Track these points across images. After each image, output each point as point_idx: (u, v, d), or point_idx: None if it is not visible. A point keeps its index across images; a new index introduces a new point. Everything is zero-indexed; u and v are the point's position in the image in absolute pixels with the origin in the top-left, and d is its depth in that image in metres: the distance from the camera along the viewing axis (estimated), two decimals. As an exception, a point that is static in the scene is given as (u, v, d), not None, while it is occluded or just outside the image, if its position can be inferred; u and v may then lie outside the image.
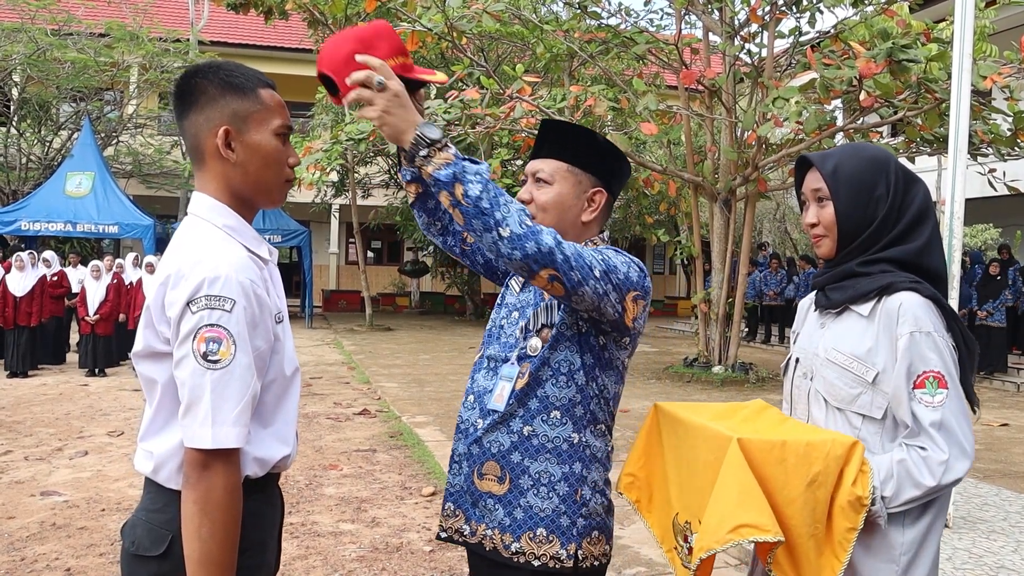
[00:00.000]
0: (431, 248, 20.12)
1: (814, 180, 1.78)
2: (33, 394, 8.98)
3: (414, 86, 1.70)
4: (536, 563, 1.70)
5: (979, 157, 9.40)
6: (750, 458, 1.58)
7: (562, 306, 1.75)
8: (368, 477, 5.64)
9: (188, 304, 1.38)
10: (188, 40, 18.96)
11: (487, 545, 1.75)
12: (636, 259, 1.78)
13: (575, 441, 1.74)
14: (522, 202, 1.81)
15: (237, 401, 1.38)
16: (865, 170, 1.73)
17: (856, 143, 1.87)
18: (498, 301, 1.97)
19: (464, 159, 1.60)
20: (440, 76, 1.73)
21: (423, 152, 1.58)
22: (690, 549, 1.68)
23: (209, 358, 1.37)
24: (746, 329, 16.07)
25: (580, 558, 1.71)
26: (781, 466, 1.59)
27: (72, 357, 11.62)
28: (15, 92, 18.03)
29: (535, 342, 1.76)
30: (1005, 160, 9.41)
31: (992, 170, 9.58)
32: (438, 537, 1.86)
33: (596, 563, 1.75)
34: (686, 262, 16.80)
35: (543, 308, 1.79)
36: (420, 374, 10.70)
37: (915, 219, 1.72)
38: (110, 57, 17.60)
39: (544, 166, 1.81)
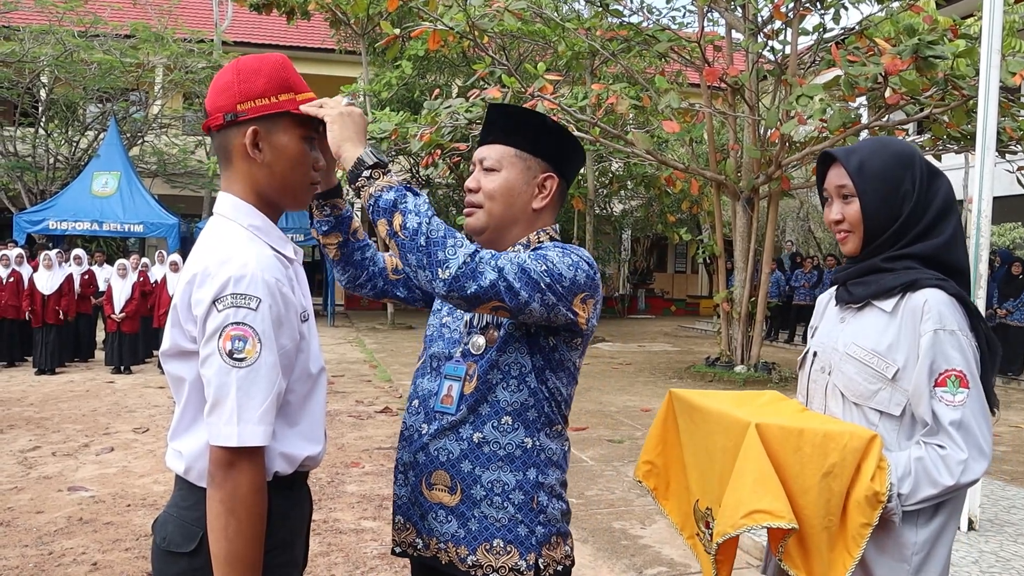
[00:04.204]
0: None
1: (838, 176, 1.76)
2: (60, 391, 9.11)
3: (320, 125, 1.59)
4: None
5: (1007, 155, 9.26)
6: (767, 444, 1.58)
7: None
8: (390, 475, 5.66)
9: (214, 302, 1.39)
10: (212, 41, 19.13)
11: (443, 559, 1.67)
12: (583, 254, 1.66)
13: (528, 446, 1.66)
14: (469, 191, 1.75)
15: (262, 399, 1.39)
16: (891, 166, 1.72)
17: (879, 137, 1.85)
18: (437, 304, 1.88)
19: (407, 188, 1.55)
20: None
21: (366, 172, 1.54)
22: (711, 535, 1.67)
23: (235, 356, 1.38)
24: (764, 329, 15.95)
25: (541, 567, 1.65)
26: (797, 454, 1.58)
27: (99, 354, 11.77)
28: (43, 93, 18.29)
29: (479, 340, 1.68)
30: (1034, 157, 9.26)
31: (1021, 168, 9.43)
32: (393, 552, 1.77)
33: (559, 568, 1.68)
34: (708, 261, 16.71)
35: None
36: (441, 372, 10.72)
37: (939, 214, 1.71)
38: (135, 58, 17.80)
39: (491, 152, 1.73)
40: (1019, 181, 9.51)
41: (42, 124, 18.41)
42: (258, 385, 1.39)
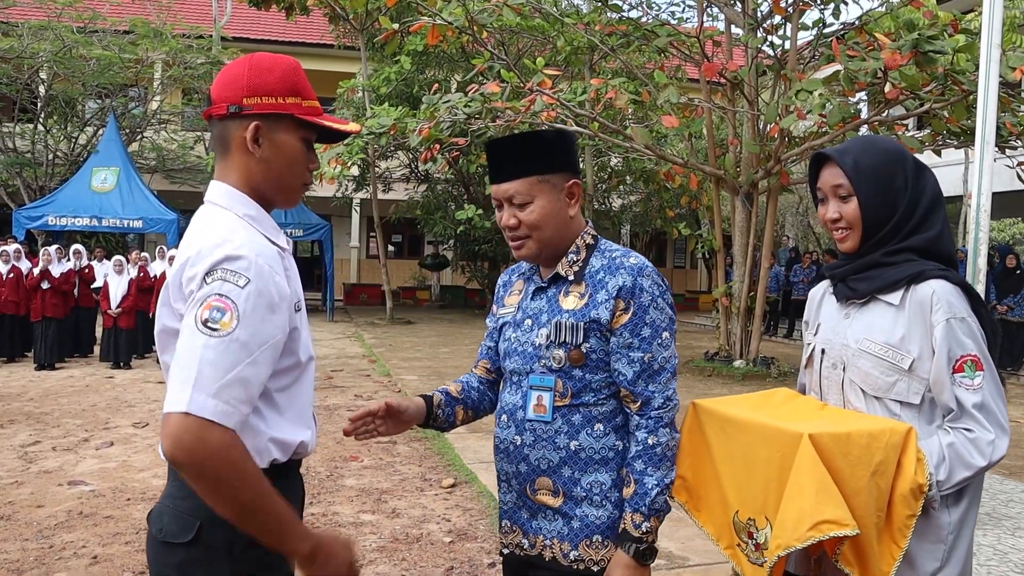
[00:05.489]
0: (451, 242, 20.16)
1: (833, 176, 1.80)
2: (60, 386, 9.12)
3: (326, 137, 1.63)
4: (596, 568, 1.75)
5: (1007, 150, 9.26)
6: (819, 452, 1.58)
7: (594, 332, 1.75)
8: (388, 468, 5.68)
9: (205, 276, 1.38)
10: (211, 36, 19.11)
11: (546, 556, 1.79)
12: (665, 291, 1.79)
13: (620, 448, 1.77)
14: (509, 228, 1.80)
15: (224, 373, 1.33)
16: (883, 163, 1.77)
17: (866, 136, 1.90)
18: (499, 321, 1.95)
19: (652, 508, 1.72)
20: (353, 127, 1.61)
21: (645, 547, 1.73)
22: (756, 545, 1.67)
23: (208, 324, 1.34)
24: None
25: None
26: (847, 459, 1.60)
27: (98, 350, 11.77)
28: (42, 89, 18.26)
29: (559, 352, 1.76)
30: (1034, 152, 9.25)
31: (1021, 163, 9.42)
32: (501, 554, 1.90)
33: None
34: (707, 256, 16.72)
35: (568, 327, 1.77)
36: (440, 367, 10.73)
37: (929, 207, 1.78)
38: (134, 54, 17.78)
39: (515, 187, 1.78)
40: (1019, 176, 9.51)
41: (41, 120, 18.39)
42: (223, 358, 1.33)
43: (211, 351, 1.33)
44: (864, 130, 9.72)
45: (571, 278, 1.80)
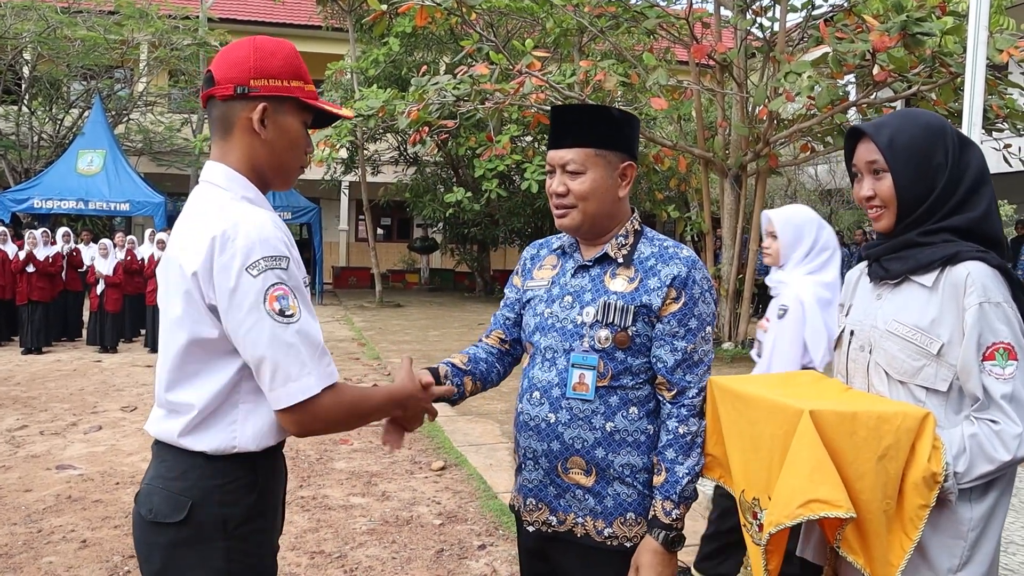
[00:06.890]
0: (440, 225, 20.11)
1: (868, 152, 1.72)
2: (48, 370, 9.08)
3: (321, 121, 1.66)
4: (628, 544, 1.79)
5: (994, 132, 9.29)
6: (821, 430, 1.53)
7: (642, 316, 1.78)
8: (378, 451, 5.70)
9: (248, 268, 1.42)
10: (197, 17, 18.89)
11: (578, 532, 1.82)
12: (710, 285, 1.83)
13: (651, 432, 1.80)
14: (557, 195, 1.81)
15: (316, 347, 1.48)
16: (922, 138, 1.68)
17: (908, 110, 1.82)
18: (525, 295, 1.96)
19: (681, 496, 1.75)
20: (347, 112, 1.67)
21: (673, 535, 1.76)
22: (760, 526, 1.63)
23: (286, 314, 1.43)
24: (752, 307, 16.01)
25: None
26: (852, 439, 1.54)
27: (86, 333, 11.72)
28: (26, 70, 18.04)
29: (603, 333, 1.77)
30: (1021, 135, 9.30)
31: (1007, 145, 9.46)
32: (526, 531, 1.91)
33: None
34: (696, 239, 16.66)
35: (616, 308, 1.78)
36: (430, 350, 10.74)
37: (973, 185, 1.68)
38: (120, 35, 17.56)
39: (571, 155, 1.79)
40: (1005, 159, 9.55)
41: (25, 102, 18.18)
42: (314, 330, 1.47)
43: (304, 333, 1.45)
44: (852, 112, 9.73)
45: (620, 260, 1.83)
